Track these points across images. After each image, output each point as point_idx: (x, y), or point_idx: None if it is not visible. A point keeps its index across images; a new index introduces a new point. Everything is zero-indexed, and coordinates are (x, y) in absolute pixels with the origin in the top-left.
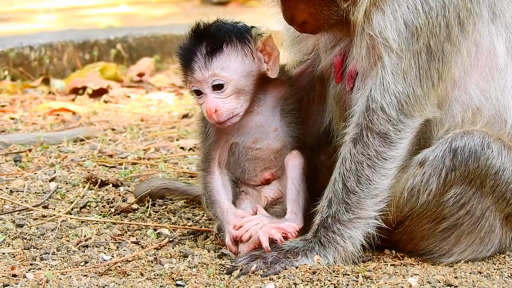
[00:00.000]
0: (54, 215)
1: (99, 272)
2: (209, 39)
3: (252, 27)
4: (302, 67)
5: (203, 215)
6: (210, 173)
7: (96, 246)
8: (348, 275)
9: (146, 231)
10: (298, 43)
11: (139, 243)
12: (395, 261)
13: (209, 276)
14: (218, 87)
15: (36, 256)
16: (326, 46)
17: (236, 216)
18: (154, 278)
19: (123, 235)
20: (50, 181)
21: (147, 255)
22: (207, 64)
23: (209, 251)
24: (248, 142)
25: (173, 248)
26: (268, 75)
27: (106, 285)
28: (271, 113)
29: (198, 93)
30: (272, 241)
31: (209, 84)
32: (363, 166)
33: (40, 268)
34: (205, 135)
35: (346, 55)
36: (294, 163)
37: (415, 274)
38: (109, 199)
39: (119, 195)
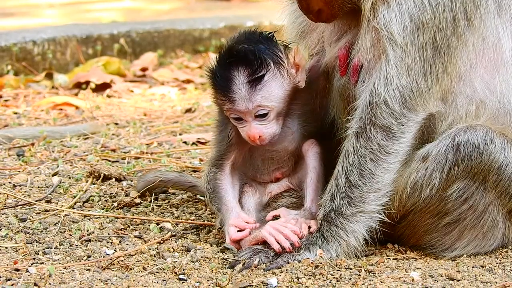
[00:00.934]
0: (57, 209)
1: (102, 267)
2: (248, 67)
3: (273, 34)
4: (309, 63)
5: (206, 210)
6: (221, 171)
7: (99, 241)
8: (351, 269)
9: (149, 226)
10: (303, 38)
11: (142, 237)
12: (398, 255)
13: (212, 270)
14: (261, 116)
15: (38, 250)
16: (330, 39)
17: (239, 218)
18: (157, 272)
19: (125, 229)
20: (53, 175)
21: (149, 249)
22: (251, 96)
23: (211, 245)
24: (268, 146)
25: (175, 242)
26: (299, 87)
27: (108, 279)
28: (291, 118)
29: (239, 119)
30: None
31: (253, 114)
32: (366, 160)
33: (42, 263)
34: (224, 137)
35: (351, 48)
36: (313, 152)
37: (417, 268)
38: (112, 193)
39: (122, 189)
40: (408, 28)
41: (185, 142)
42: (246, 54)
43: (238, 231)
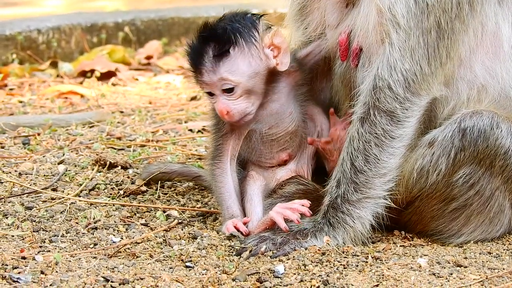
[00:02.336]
0: (63, 197)
1: (108, 254)
2: (215, 42)
3: (260, 16)
4: (308, 48)
5: (212, 197)
6: (221, 168)
7: (105, 228)
8: (358, 256)
9: (155, 213)
10: (305, 15)
11: (148, 225)
12: (405, 242)
13: (219, 258)
14: (227, 90)
15: (45, 239)
16: (331, 21)
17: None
18: (164, 259)
19: (132, 217)
20: (58, 163)
21: (156, 237)
22: (215, 69)
23: (218, 233)
24: (264, 128)
25: (182, 229)
26: (277, 69)
27: (115, 267)
28: (286, 99)
29: (210, 94)
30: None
31: (219, 87)
32: (370, 145)
33: (49, 251)
34: (218, 127)
35: (351, 33)
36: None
37: (424, 255)
38: (118, 181)
39: (128, 177)
40: (412, 10)
41: (190, 130)
42: (216, 30)
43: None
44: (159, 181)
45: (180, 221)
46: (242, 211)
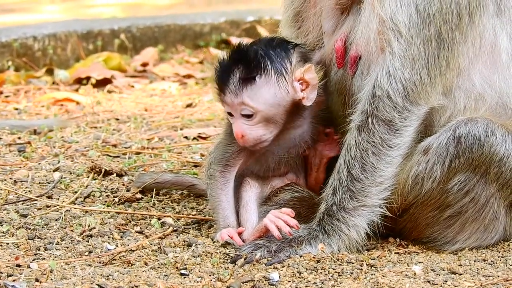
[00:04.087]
0: (58, 205)
1: (103, 262)
2: (244, 66)
3: (296, 46)
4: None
5: (207, 204)
6: (225, 178)
7: (100, 236)
8: (352, 263)
9: (150, 221)
10: (300, 23)
11: (143, 232)
12: (400, 249)
13: (213, 265)
14: (246, 116)
15: (40, 246)
16: (327, 28)
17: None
18: (158, 267)
19: (127, 224)
20: (54, 171)
21: (151, 244)
22: (237, 92)
23: (213, 240)
24: (280, 151)
25: (177, 237)
26: (302, 103)
27: (110, 275)
28: (307, 126)
29: (230, 114)
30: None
31: (238, 110)
32: (368, 154)
33: (44, 258)
34: (233, 141)
35: (347, 40)
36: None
37: (419, 262)
38: (113, 188)
39: (123, 184)
40: (414, 20)
41: (186, 137)
42: (248, 52)
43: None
44: (154, 190)
45: (175, 228)
46: (237, 220)
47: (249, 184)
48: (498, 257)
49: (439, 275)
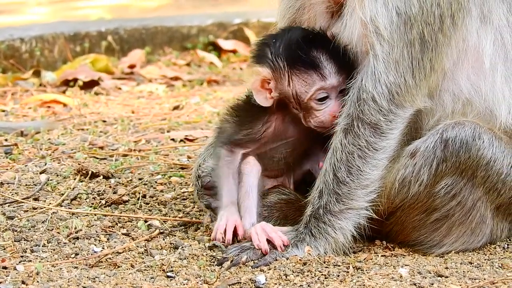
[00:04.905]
0: (45, 207)
1: (90, 264)
2: (333, 46)
3: None
4: None
5: (194, 207)
6: (231, 158)
7: (87, 238)
8: (339, 266)
9: (137, 223)
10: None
11: (130, 234)
12: (386, 251)
13: (200, 268)
14: (342, 91)
15: (26, 248)
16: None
17: (232, 220)
18: (145, 269)
19: (113, 227)
20: (40, 173)
21: (137, 246)
22: (341, 71)
23: (199, 243)
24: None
25: (163, 239)
26: None
27: (96, 277)
28: None
29: (322, 99)
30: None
31: (338, 89)
32: (354, 157)
33: (30, 260)
34: (255, 131)
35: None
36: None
37: (405, 265)
38: (100, 191)
39: (110, 187)
40: (395, 22)
41: (173, 139)
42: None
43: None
44: (141, 191)
45: (161, 231)
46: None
47: (250, 164)
48: (485, 260)
49: (426, 277)
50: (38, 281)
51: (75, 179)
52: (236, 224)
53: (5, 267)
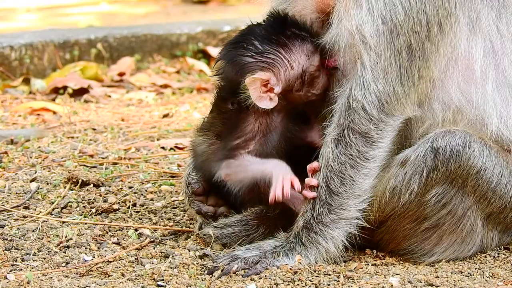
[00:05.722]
0: (35, 215)
1: (80, 273)
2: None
3: None
4: None
5: (184, 215)
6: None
7: (77, 247)
8: (329, 275)
9: (127, 232)
10: None
11: (120, 243)
12: (376, 260)
13: (190, 277)
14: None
15: (17, 257)
16: None
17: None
18: (135, 278)
19: (104, 235)
20: (31, 181)
21: (128, 255)
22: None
23: (189, 251)
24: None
25: (154, 248)
26: None
27: (87, 286)
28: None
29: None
30: (252, 241)
31: None
32: (346, 167)
33: (21, 269)
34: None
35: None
36: None
37: (396, 274)
38: (90, 199)
39: (100, 195)
40: (381, 31)
41: (163, 148)
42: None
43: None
44: (132, 199)
45: (152, 239)
46: None
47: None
48: (475, 269)
49: (416, 286)
50: None
51: (65, 188)
52: (292, 180)
53: None
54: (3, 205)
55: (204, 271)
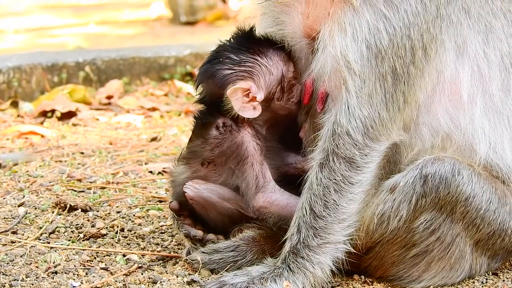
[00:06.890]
0: (23, 241)
1: None
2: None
3: None
4: None
5: (172, 240)
6: None
7: (65, 273)
8: None
9: (115, 257)
10: None
11: (108, 269)
12: (364, 286)
13: None
14: None
15: (5, 283)
16: (302, 69)
17: None
18: None
19: (92, 261)
20: (19, 206)
21: (116, 281)
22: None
23: (177, 277)
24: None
25: (142, 274)
26: None
27: None
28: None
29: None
30: (240, 267)
31: None
32: (329, 191)
33: None
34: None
35: (315, 77)
36: None
37: None
38: (78, 224)
39: (88, 220)
40: (365, 56)
41: (151, 172)
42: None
43: None
44: (119, 224)
45: (140, 265)
46: None
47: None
48: None
49: None
50: None
51: (53, 212)
52: None
53: None
54: None
55: None
